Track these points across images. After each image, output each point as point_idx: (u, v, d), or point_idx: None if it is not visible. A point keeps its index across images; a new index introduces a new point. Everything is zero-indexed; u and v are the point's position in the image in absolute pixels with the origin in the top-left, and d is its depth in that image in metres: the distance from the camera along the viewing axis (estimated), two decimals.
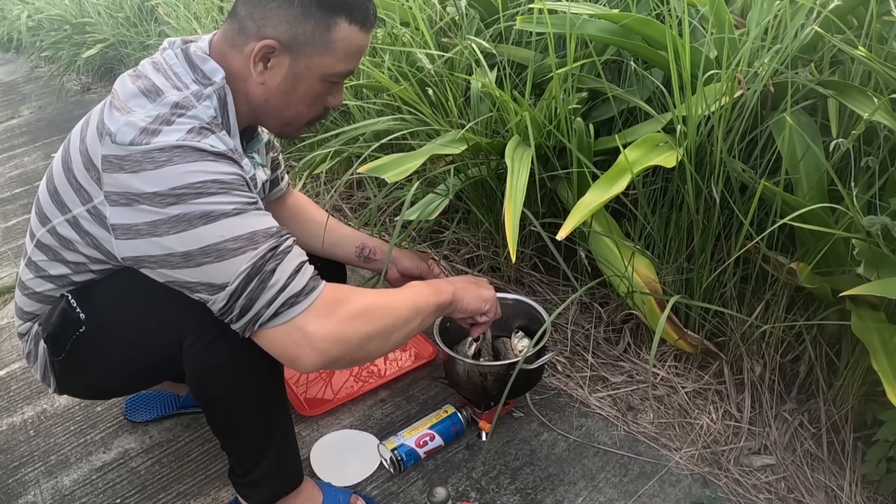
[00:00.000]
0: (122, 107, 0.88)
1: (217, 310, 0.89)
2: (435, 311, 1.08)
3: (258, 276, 0.86)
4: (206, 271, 0.86)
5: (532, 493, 1.23)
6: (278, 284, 0.87)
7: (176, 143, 0.84)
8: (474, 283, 1.19)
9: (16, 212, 2.70)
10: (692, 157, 1.24)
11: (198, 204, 0.84)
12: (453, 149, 1.40)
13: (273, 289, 0.87)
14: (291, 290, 0.88)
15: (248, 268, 0.86)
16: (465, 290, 1.15)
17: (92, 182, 0.89)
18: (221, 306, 0.88)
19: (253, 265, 0.86)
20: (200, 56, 0.95)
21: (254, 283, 0.86)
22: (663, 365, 1.45)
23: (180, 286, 0.90)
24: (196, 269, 0.86)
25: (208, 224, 0.85)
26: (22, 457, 1.42)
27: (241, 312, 0.88)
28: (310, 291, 0.90)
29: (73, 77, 4.81)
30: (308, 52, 0.95)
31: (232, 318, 0.89)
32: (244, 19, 0.94)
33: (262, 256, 0.86)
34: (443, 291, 1.10)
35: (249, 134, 1.10)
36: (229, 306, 0.88)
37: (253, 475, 1.08)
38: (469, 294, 1.15)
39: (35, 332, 1.07)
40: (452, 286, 1.13)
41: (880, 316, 1.10)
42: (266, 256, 0.87)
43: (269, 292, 0.87)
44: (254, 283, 0.86)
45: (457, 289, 1.13)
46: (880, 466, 1.13)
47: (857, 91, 1.12)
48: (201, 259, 0.85)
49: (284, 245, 0.89)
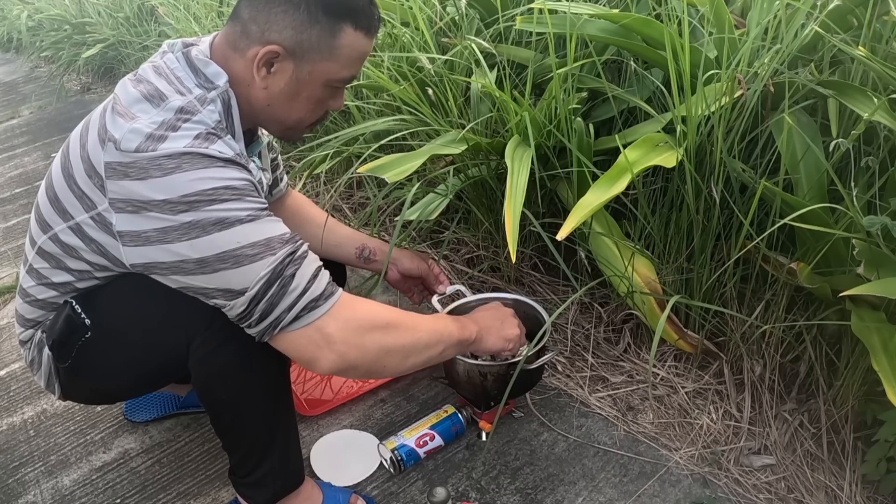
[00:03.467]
0: (125, 112, 0.88)
1: (235, 315, 0.89)
2: (457, 345, 1.09)
3: (279, 281, 0.87)
4: (224, 277, 0.86)
5: (532, 493, 1.23)
6: (299, 289, 0.88)
7: (184, 150, 0.84)
8: (500, 322, 1.19)
9: (16, 212, 2.70)
10: (692, 158, 1.24)
11: (211, 211, 0.84)
12: (453, 149, 1.40)
13: (294, 293, 0.88)
14: (312, 294, 0.89)
15: (268, 273, 0.86)
16: (490, 330, 1.16)
17: (95, 189, 0.88)
18: (240, 311, 0.88)
19: (273, 270, 0.86)
20: (202, 60, 0.94)
21: (274, 287, 0.87)
22: (663, 365, 1.45)
23: (195, 292, 0.90)
24: (213, 275, 0.86)
25: (223, 230, 0.85)
26: (22, 457, 1.42)
27: (261, 317, 0.88)
28: (329, 295, 0.91)
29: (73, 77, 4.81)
30: (313, 57, 0.94)
31: (251, 322, 0.89)
32: (248, 23, 0.93)
33: (281, 261, 0.87)
34: (467, 328, 1.11)
35: (250, 137, 1.09)
36: (248, 311, 0.88)
37: (254, 476, 1.08)
38: (493, 335, 1.16)
39: (38, 339, 1.07)
40: (478, 326, 1.14)
41: (880, 316, 1.10)
42: (285, 261, 0.87)
43: (290, 297, 0.87)
44: (274, 288, 0.87)
45: (482, 328, 1.14)
46: (880, 466, 1.13)
47: (857, 91, 1.12)
48: (218, 265, 0.86)
49: (301, 250, 0.90)
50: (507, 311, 1.23)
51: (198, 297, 0.90)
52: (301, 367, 1.53)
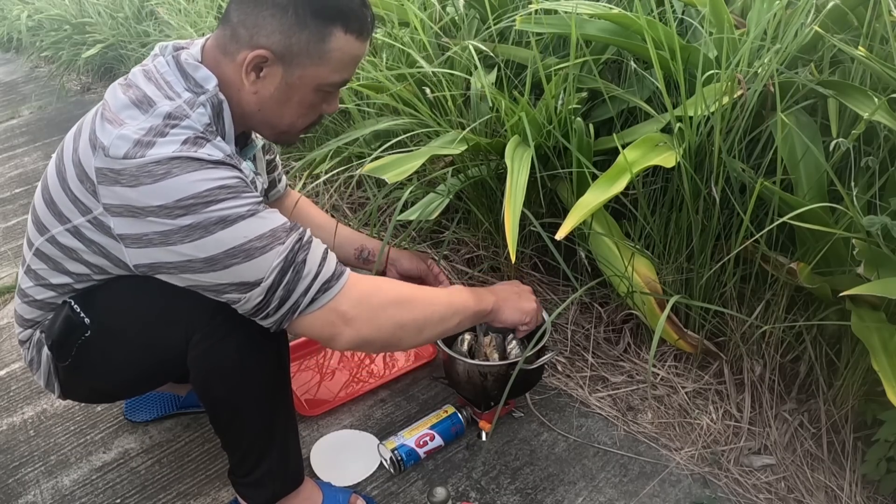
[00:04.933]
0: (113, 118, 0.87)
1: (252, 307, 0.90)
2: (473, 316, 1.10)
3: (292, 268, 0.89)
4: (237, 272, 0.87)
5: (532, 493, 1.23)
6: (312, 272, 0.90)
7: (172, 155, 0.84)
8: (517, 295, 1.20)
9: (16, 212, 2.70)
10: (692, 158, 1.24)
11: (211, 211, 0.84)
12: (453, 149, 1.40)
13: (308, 277, 0.90)
14: (325, 276, 0.92)
15: (280, 261, 0.88)
16: (507, 301, 1.17)
17: (88, 194, 0.89)
18: (257, 302, 0.89)
19: (285, 258, 0.88)
20: (192, 64, 0.94)
21: (289, 274, 0.89)
22: (663, 365, 1.45)
23: (206, 289, 0.90)
24: (224, 271, 0.87)
25: (227, 228, 0.85)
26: (22, 457, 1.42)
27: (279, 304, 0.90)
28: (340, 275, 0.94)
29: (73, 77, 4.81)
30: (302, 62, 0.93)
31: (269, 311, 0.91)
32: (237, 26, 0.92)
33: (291, 248, 0.89)
34: (484, 300, 1.12)
35: (244, 140, 1.09)
36: (266, 300, 0.89)
37: (254, 476, 1.08)
38: (510, 305, 1.17)
39: (37, 339, 1.07)
40: (495, 296, 1.15)
41: (880, 316, 1.10)
42: (295, 248, 0.89)
43: (305, 281, 0.90)
44: (289, 275, 0.89)
45: (499, 299, 1.15)
46: (880, 466, 1.13)
47: (857, 91, 1.12)
48: (228, 261, 0.86)
49: (307, 236, 0.93)
50: (525, 287, 1.25)
51: (208, 293, 0.91)
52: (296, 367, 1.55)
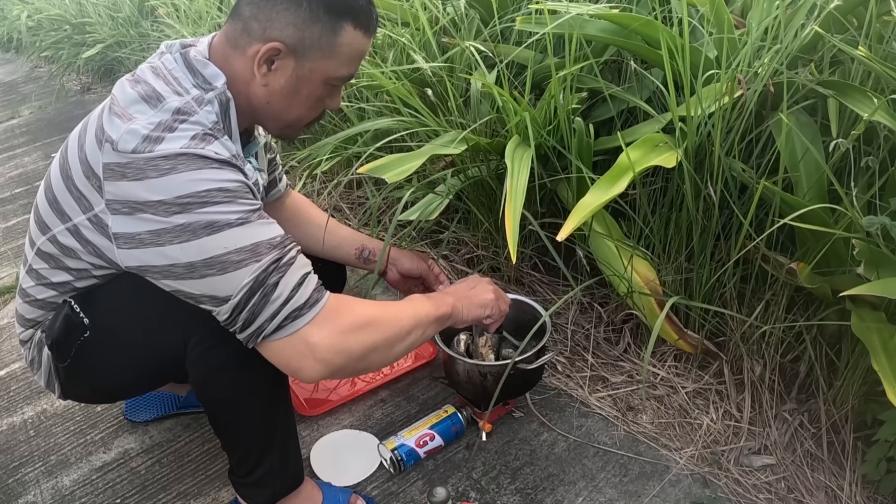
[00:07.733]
0: (122, 113, 0.88)
1: (222, 321, 0.90)
2: (435, 324, 1.08)
3: (261, 290, 0.86)
4: (210, 283, 0.86)
5: (532, 493, 1.23)
6: (281, 298, 0.87)
7: (180, 151, 0.84)
8: (473, 291, 1.19)
9: (16, 212, 2.70)
10: (692, 158, 1.24)
11: (202, 213, 0.84)
12: (453, 149, 1.40)
13: (276, 302, 0.87)
14: (295, 304, 0.88)
15: (250, 281, 0.86)
16: (464, 300, 1.15)
17: (93, 190, 0.89)
18: (225, 318, 0.89)
19: (255, 278, 0.86)
20: (200, 60, 0.94)
21: (256, 296, 0.86)
22: (663, 365, 1.45)
23: (185, 297, 0.90)
24: (199, 280, 0.86)
25: (212, 234, 0.84)
26: (22, 457, 1.42)
27: (244, 325, 0.88)
28: (313, 304, 0.89)
29: (73, 77, 4.81)
30: (313, 55, 0.94)
31: (236, 329, 0.89)
32: (249, 20, 0.93)
33: (264, 269, 0.86)
34: (442, 305, 1.10)
35: (246, 137, 1.09)
36: (233, 318, 0.88)
37: (253, 476, 1.08)
38: (467, 303, 1.16)
39: (38, 338, 1.07)
40: (452, 297, 1.13)
41: (880, 316, 1.10)
42: (269, 269, 0.86)
43: (273, 306, 0.87)
44: (256, 297, 0.86)
45: (455, 300, 1.13)
46: (880, 466, 1.13)
47: (857, 91, 1.12)
48: (205, 271, 0.85)
49: (288, 256, 0.89)
50: (482, 279, 1.23)
51: (189, 301, 0.90)
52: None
